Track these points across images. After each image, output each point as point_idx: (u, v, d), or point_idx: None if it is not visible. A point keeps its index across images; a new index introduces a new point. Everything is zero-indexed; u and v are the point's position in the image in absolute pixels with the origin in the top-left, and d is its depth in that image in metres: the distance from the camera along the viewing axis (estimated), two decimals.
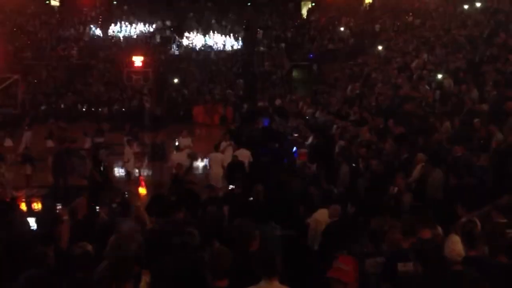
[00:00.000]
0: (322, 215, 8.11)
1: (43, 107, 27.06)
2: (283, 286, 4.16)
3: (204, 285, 4.20)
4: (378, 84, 19.70)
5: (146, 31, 34.68)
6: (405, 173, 9.62)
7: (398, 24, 29.15)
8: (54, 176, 13.92)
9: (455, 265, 4.62)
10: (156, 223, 7.51)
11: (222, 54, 32.76)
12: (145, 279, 4.84)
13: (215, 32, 34.15)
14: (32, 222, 8.98)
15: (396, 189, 8.95)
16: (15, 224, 8.35)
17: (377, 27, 30.51)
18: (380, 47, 26.28)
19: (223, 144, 14.63)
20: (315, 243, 7.96)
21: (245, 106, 25.92)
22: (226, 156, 13.75)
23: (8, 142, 19.11)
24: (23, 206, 12.57)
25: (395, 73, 19.70)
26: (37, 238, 6.42)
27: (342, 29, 32.46)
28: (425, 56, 19.99)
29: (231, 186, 11.43)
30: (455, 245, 4.73)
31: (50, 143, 17.98)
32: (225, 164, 13.30)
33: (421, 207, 6.95)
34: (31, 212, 11.95)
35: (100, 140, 16.92)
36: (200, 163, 17.19)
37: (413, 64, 19.58)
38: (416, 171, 9.79)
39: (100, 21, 35.09)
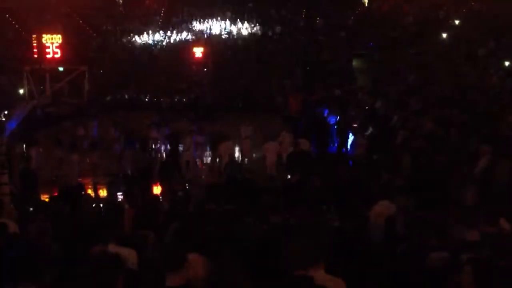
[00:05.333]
0: (382, 207, 7.95)
1: (108, 98, 27.97)
2: (329, 276, 4.12)
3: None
4: (441, 73, 19.08)
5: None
6: (470, 164, 9.30)
7: (464, 10, 28.04)
8: (120, 164, 14.41)
9: None
10: (214, 211, 7.62)
11: (279, 43, 32.60)
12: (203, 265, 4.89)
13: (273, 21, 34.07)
14: (97, 208, 9.34)
15: None
16: (81, 210, 8.72)
17: (441, 14, 29.47)
18: (444, 35, 25.41)
19: (282, 133, 14.63)
20: (375, 236, 7.81)
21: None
22: (284, 145, 13.75)
23: (80, 131, 19.69)
24: (90, 193, 13.11)
25: (460, 62, 19.01)
26: (101, 224, 6.68)
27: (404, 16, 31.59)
28: (491, 43, 19.15)
29: (289, 176, 11.43)
30: None
31: (113, 133, 18.53)
32: (282, 153, 13.31)
33: (486, 201, 6.72)
34: (97, 199, 12.44)
35: (164, 130, 17.31)
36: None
37: (479, 52, 18.82)
38: (482, 163, 9.43)
39: (162, 13, 35.81)
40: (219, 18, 35.15)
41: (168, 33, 33.95)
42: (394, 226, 7.10)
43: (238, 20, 34.71)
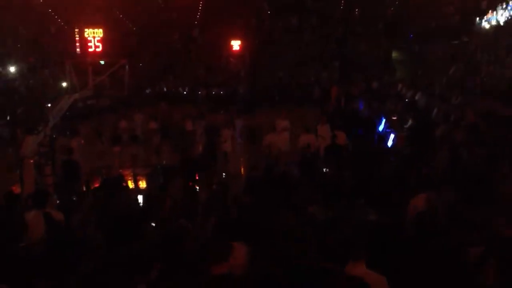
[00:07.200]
0: (420, 202, 7.84)
1: (147, 91, 28.43)
2: (369, 270, 4.11)
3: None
4: (483, 64, 18.60)
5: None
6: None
7: None
8: (158, 156, 14.63)
9: None
10: (252, 203, 7.67)
11: (316, 35, 32.33)
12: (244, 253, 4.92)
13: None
14: (137, 199, 9.54)
15: None
16: (121, 201, 8.91)
17: (484, 3, 28.63)
18: (486, 25, 24.71)
19: (319, 126, 14.57)
20: (413, 231, 7.71)
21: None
22: (321, 138, 13.71)
23: (122, 123, 20.04)
24: (130, 184, 13.39)
25: (503, 53, 18.47)
26: (141, 215, 6.83)
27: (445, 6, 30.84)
28: None
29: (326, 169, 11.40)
30: None
31: (153, 125, 18.82)
32: (320, 145, 13.27)
33: None
34: (137, 190, 12.70)
35: (201, 122, 17.47)
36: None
37: None
38: None
39: (201, 6, 36.00)
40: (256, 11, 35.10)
41: (206, 26, 34.13)
42: (429, 220, 6.99)
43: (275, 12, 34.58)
